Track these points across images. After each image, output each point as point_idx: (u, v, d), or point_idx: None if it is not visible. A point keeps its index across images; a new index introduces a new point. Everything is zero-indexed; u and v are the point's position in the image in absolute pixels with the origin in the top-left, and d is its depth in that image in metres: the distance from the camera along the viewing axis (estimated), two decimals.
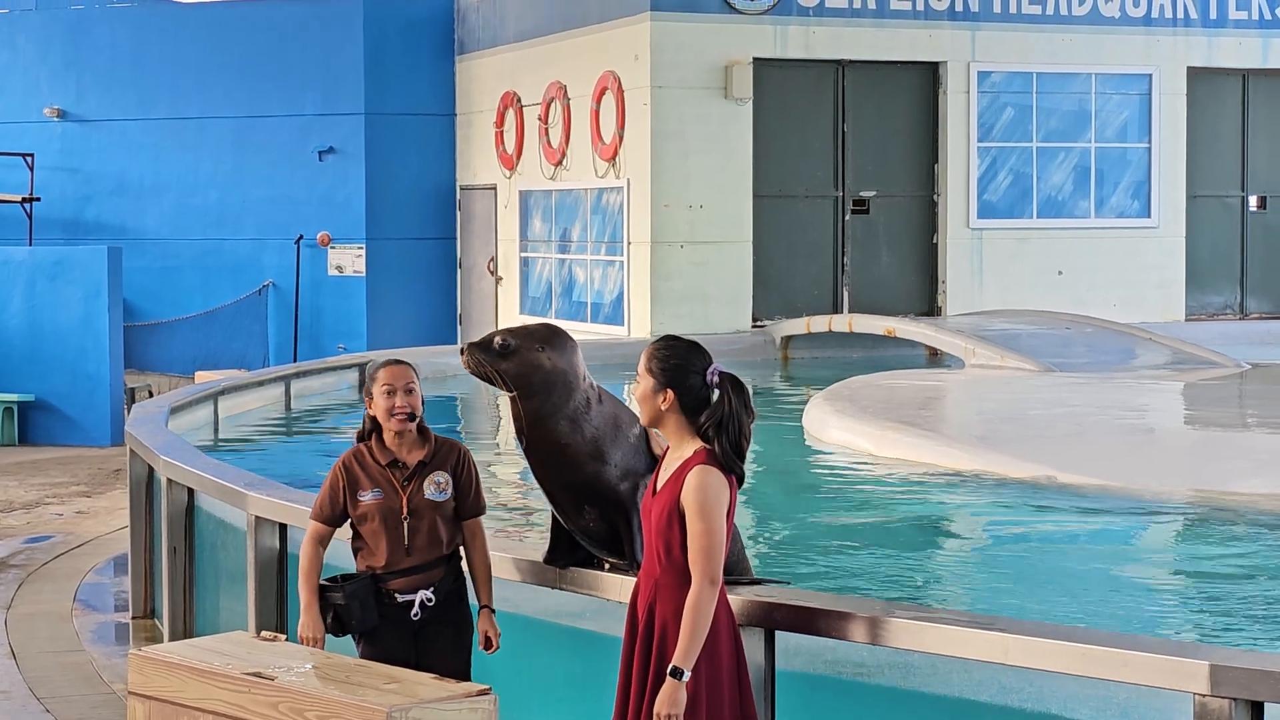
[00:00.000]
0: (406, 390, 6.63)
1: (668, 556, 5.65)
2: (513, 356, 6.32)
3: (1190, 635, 8.47)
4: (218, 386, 15.55)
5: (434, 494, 6.66)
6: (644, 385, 5.75)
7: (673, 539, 5.63)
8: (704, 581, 5.54)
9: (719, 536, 5.58)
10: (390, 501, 6.63)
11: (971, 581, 10.13)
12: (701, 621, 5.53)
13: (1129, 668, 5.33)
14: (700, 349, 5.80)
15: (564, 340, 6.46)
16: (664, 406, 5.72)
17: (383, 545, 6.64)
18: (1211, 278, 24.13)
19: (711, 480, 5.60)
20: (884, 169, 22.53)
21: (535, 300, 24.36)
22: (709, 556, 5.55)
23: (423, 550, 6.66)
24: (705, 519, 5.57)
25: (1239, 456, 12.85)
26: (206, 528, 10.32)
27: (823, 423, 14.67)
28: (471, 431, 16.07)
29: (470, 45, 26.13)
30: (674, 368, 5.73)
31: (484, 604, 6.73)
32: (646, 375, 5.75)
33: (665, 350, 5.78)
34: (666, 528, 5.64)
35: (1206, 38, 23.59)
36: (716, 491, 5.60)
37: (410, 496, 6.64)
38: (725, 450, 5.65)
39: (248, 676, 6.04)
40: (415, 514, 6.64)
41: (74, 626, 11.67)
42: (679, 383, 5.71)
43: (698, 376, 5.73)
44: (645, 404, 5.76)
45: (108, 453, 20.88)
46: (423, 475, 6.67)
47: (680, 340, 5.85)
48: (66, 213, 27.20)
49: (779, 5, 21.54)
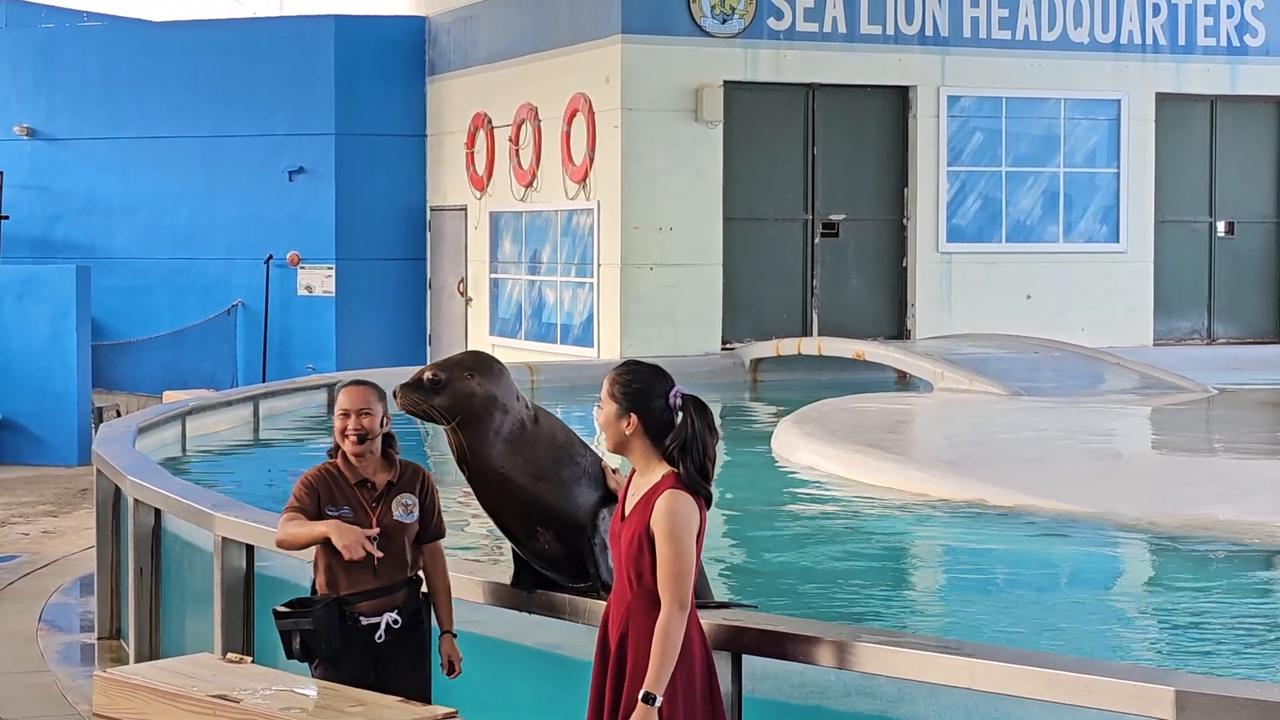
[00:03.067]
0: (362, 413, 6.65)
1: (639, 583, 5.64)
2: (444, 389, 6.36)
3: (1156, 661, 8.48)
4: (186, 406, 15.51)
5: (402, 515, 6.68)
6: (607, 411, 5.76)
7: (643, 565, 5.62)
8: (673, 606, 5.54)
9: (688, 561, 5.58)
10: (359, 521, 6.64)
11: (938, 606, 10.14)
12: (671, 646, 5.52)
13: (1095, 693, 5.34)
14: (662, 372, 5.81)
15: (491, 365, 6.51)
16: (628, 431, 5.72)
17: (350, 564, 6.63)
18: (1179, 303, 24.22)
19: (681, 505, 5.60)
20: (854, 192, 22.57)
21: (505, 321, 24.34)
22: (678, 581, 5.55)
23: (389, 572, 6.67)
24: (675, 543, 5.56)
25: (1206, 481, 12.87)
26: (173, 548, 10.28)
27: (791, 445, 14.68)
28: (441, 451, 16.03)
29: (441, 66, 26.13)
30: (636, 392, 5.73)
31: (445, 629, 6.75)
32: (609, 400, 5.76)
33: (627, 375, 5.78)
34: (637, 554, 5.63)
35: (1175, 64, 23.70)
36: (686, 516, 5.59)
37: (380, 517, 6.65)
38: (690, 472, 5.65)
39: (213, 699, 6.02)
40: (384, 534, 6.65)
41: (39, 647, 11.61)
42: (642, 407, 5.72)
43: (660, 400, 5.73)
44: (609, 429, 5.76)
45: (75, 472, 20.80)
46: (390, 496, 6.69)
47: (641, 364, 5.85)
48: (35, 231, 27.11)
49: (750, 28, 21.59)
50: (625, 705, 5.63)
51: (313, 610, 6.61)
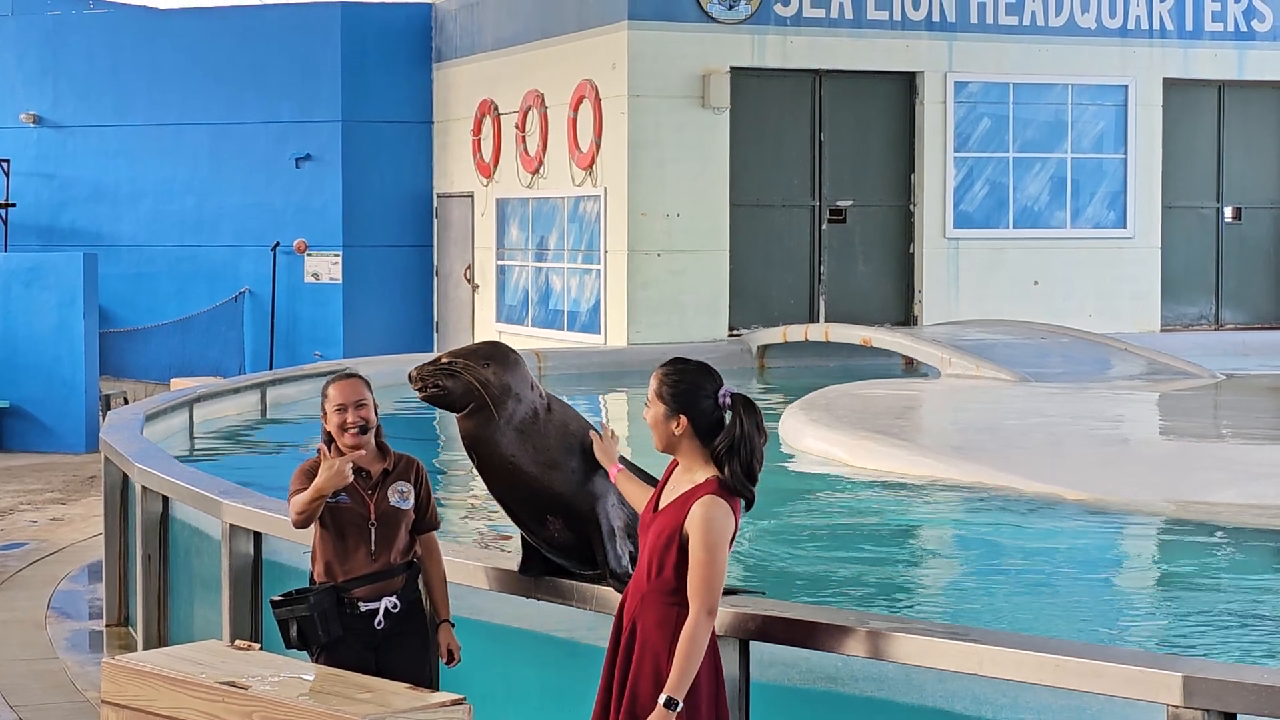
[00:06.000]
0: (357, 405, 6.68)
1: (659, 575, 5.61)
2: (459, 376, 6.39)
3: (1164, 646, 8.49)
4: (193, 394, 15.51)
5: (398, 501, 6.74)
6: (655, 411, 5.66)
7: (668, 560, 5.58)
8: (702, 612, 5.49)
9: (720, 568, 5.52)
10: (357, 507, 6.68)
11: (946, 592, 10.14)
12: (696, 652, 5.48)
13: (1102, 679, 5.34)
14: (710, 370, 5.71)
15: (507, 355, 6.51)
16: (678, 432, 5.63)
17: (348, 551, 6.68)
18: (1187, 288, 24.20)
19: (718, 513, 5.53)
20: (861, 179, 22.56)
21: (511, 308, 24.34)
22: (709, 587, 5.50)
23: (386, 557, 6.70)
24: (708, 550, 5.50)
25: (1214, 467, 12.87)
26: (181, 535, 10.29)
27: (798, 432, 14.67)
28: (450, 435, 16.03)
29: (448, 53, 26.12)
30: (685, 392, 5.63)
31: (443, 618, 6.78)
32: (657, 401, 5.65)
33: (675, 374, 5.67)
34: (664, 548, 5.59)
35: (1182, 49, 23.66)
36: (722, 524, 5.53)
37: (377, 503, 6.69)
38: (736, 473, 5.57)
39: (221, 686, 6.03)
40: (381, 520, 6.70)
41: (48, 634, 11.63)
42: (691, 407, 5.62)
43: (709, 399, 5.63)
44: (658, 429, 5.66)
45: (83, 459, 20.82)
46: (386, 484, 6.73)
47: (689, 363, 5.73)
48: (42, 219, 27.12)
49: (756, 15, 21.56)
50: (629, 693, 5.62)
51: (309, 597, 6.63)
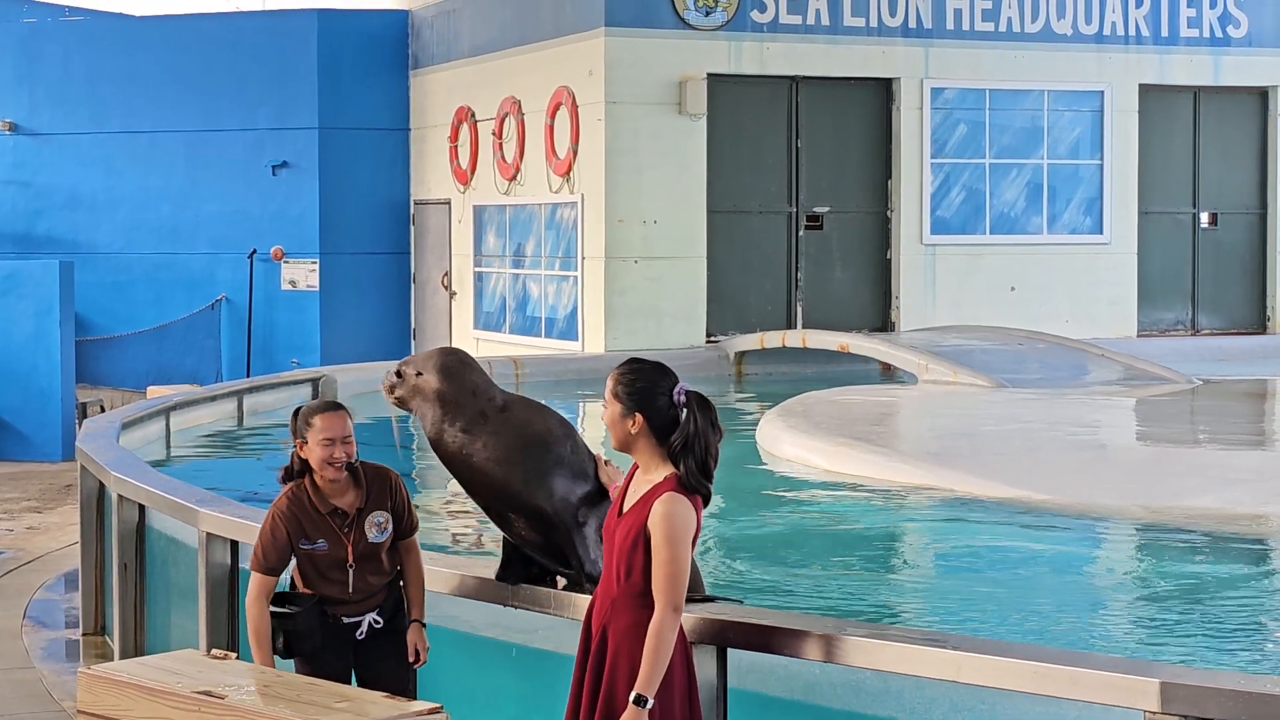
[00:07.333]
0: (347, 439, 6.65)
1: (628, 578, 5.63)
2: (400, 385, 6.58)
3: (1141, 652, 8.49)
4: (170, 401, 15.48)
5: (376, 536, 6.70)
6: (612, 410, 5.71)
7: (635, 562, 5.61)
8: (668, 609, 5.53)
9: (684, 565, 5.56)
10: (336, 551, 6.64)
11: (924, 598, 10.14)
12: (664, 649, 5.51)
13: (1080, 685, 5.34)
14: (665, 369, 5.77)
15: (445, 361, 6.58)
16: (634, 431, 5.68)
17: (329, 584, 6.68)
18: (1163, 294, 24.24)
19: (679, 509, 5.57)
20: (838, 185, 22.58)
21: (489, 315, 24.33)
22: (674, 584, 5.54)
23: (367, 588, 6.70)
24: (671, 546, 5.54)
25: (1190, 472, 12.89)
26: (158, 544, 10.26)
27: (776, 439, 14.68)
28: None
29: (424, 60, 26.10)
30: (640, 391, 5.69)
31: (415, 618, 6.76)
32: (614, 400, 5.70)
33: (631, 374, 5.73)
34: (630, 550, 5.62)
35: (1158, 55, 23.72)
36: (684, 520, 5.57)
37: (354, 542, 6.65)
38: (691, 470, 5.62)
39: (198, 695, 6.01)
40: (361, 559, 6.68)
41: (24, 643, 11.59)
42: (647, 405, 5.67)
43: (665, 397, 5.68)
44: (615, 428, 5.71)
45: (59, 468, 20.76)
46: (362, 518, 6.67)
47: (645, 362, 5.80)
48: (18, 227, 27.05)
49: (733, 21, 21.58)
50: (604, 698, 5.63)
51: (298, 610, 6.61)
